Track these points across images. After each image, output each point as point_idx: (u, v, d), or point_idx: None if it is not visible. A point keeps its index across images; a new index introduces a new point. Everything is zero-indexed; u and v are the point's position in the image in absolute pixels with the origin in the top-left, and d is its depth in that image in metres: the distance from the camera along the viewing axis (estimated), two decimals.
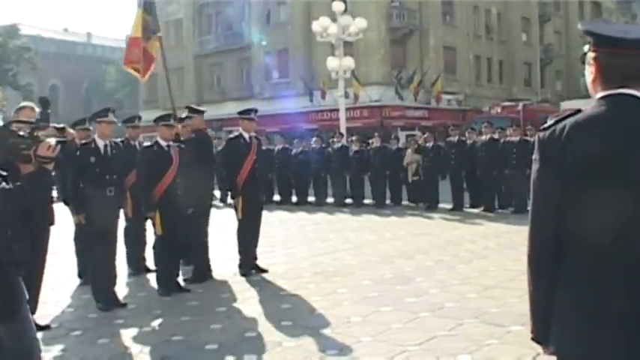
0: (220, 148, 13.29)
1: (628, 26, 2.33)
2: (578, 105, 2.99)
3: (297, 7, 39.06)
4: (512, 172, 14.65)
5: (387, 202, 17.88)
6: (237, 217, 8.91)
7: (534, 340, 2.32)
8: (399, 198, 17.98)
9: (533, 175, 2.26)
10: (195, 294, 7.75)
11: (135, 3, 28.93)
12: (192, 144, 8.43)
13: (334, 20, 24.66)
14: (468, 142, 16.56)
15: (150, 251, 8.42)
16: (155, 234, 7.80)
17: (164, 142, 7.81)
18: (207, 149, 8.90)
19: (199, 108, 9.57)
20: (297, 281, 8.26)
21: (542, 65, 49.20)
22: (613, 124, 2.10)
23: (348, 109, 26.82)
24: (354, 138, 19.61)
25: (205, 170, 8.76)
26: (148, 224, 8.63)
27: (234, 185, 8.86)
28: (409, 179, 17.59)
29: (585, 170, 2.10)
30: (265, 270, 8.89)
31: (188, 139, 8.54)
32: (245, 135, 8.90)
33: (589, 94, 2.27)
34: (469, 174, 16.16)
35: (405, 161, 17.56)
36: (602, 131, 2.10)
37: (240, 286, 8.14)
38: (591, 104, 2.20)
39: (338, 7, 24.23)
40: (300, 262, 9.62)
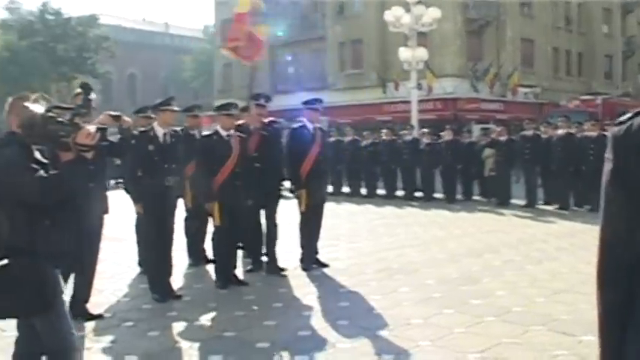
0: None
1: None
2: None
3: None
4: (589, 168, 13.94)
5: (458, 196, 17.41)
6: (299, 209, 8.67)
7: None
8: (470, 193, 17.49)
9: (604, 177, 1.91)
10: (253, 287, 7.59)
11: None
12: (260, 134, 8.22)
13: (408, 10, 24.19)
14: (543, 136, 15.88)
15: (210, 242, 8.28)
16: (214, 225, 7.65)
17: (224, 132, 7.63)
18: (274, 140, 8.66)
19: (259, 102, 8.68)
20: (359, 278, 8.00)
21: (624, 58, 47.14)
22: None
23: (421, 101, 26.30)
24: (425, 130, 19.17)
25: (271, 162, 8.48)
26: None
27: (297, 177, 8.58)
28: (485, 173, 17.03)
29: None
30: (326, 265, 8.66)
31: (255, 128, 8.35)
32: (309, 125, 8.63)
33: None
34: (544, 170, 15.55)
35: (484, 154, 17.00)
36: None
37: (300, 281, 7.93)
38: None
39: None
40: (364, 258, 9.35)
